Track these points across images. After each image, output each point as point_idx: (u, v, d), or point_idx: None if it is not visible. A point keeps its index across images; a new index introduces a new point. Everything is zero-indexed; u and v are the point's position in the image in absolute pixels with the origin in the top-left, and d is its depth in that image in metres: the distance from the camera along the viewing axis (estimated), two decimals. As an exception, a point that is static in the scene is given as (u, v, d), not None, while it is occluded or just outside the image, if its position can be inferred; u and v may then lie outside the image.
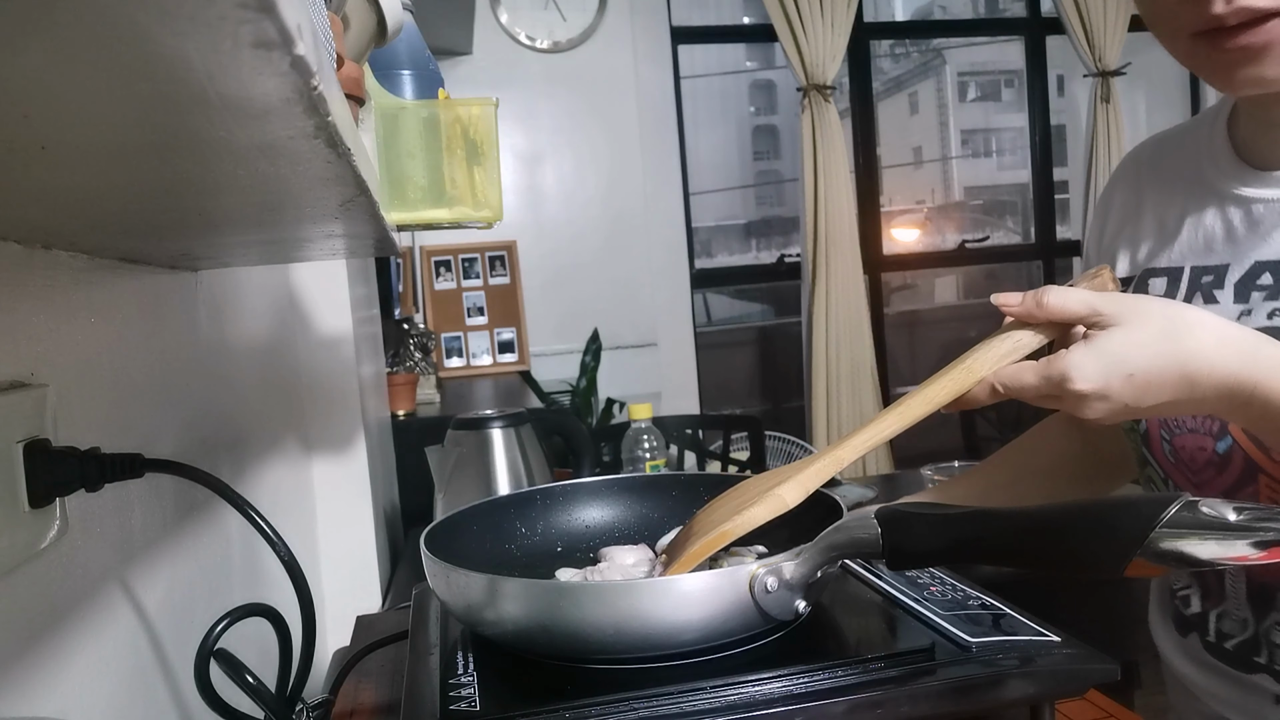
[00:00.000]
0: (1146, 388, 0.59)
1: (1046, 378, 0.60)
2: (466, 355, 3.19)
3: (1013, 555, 0.54)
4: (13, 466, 0.48)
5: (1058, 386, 0.60)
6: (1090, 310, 0.60)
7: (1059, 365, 0.60)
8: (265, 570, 1.05)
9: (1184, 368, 0.59)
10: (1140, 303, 0.61)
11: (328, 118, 0.31)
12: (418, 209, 0.88)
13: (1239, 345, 0.59)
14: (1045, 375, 0.60)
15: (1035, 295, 0.62)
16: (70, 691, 0.55)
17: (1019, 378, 0.62)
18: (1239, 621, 0.75)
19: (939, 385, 0.64)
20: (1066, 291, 0.62)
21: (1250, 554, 0.47)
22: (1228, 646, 0.76)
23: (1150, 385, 0.59)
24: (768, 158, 5.73)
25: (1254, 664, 0.74)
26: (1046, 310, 0.62)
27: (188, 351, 0.85)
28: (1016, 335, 0.64)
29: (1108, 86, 3.63)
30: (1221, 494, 0.75)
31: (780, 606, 0.57)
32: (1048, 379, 0.60)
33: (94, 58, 0.23)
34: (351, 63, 0.68)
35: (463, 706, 0.53)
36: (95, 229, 0.55)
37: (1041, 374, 0.61)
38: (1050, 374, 0.60)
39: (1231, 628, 0.76)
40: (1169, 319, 0.60)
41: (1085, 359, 0.59)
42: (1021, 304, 0.63)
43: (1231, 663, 0.76)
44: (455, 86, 1.02)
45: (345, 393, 1.47)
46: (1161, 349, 0.59)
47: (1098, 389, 0.59)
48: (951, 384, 0.64)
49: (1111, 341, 0.59)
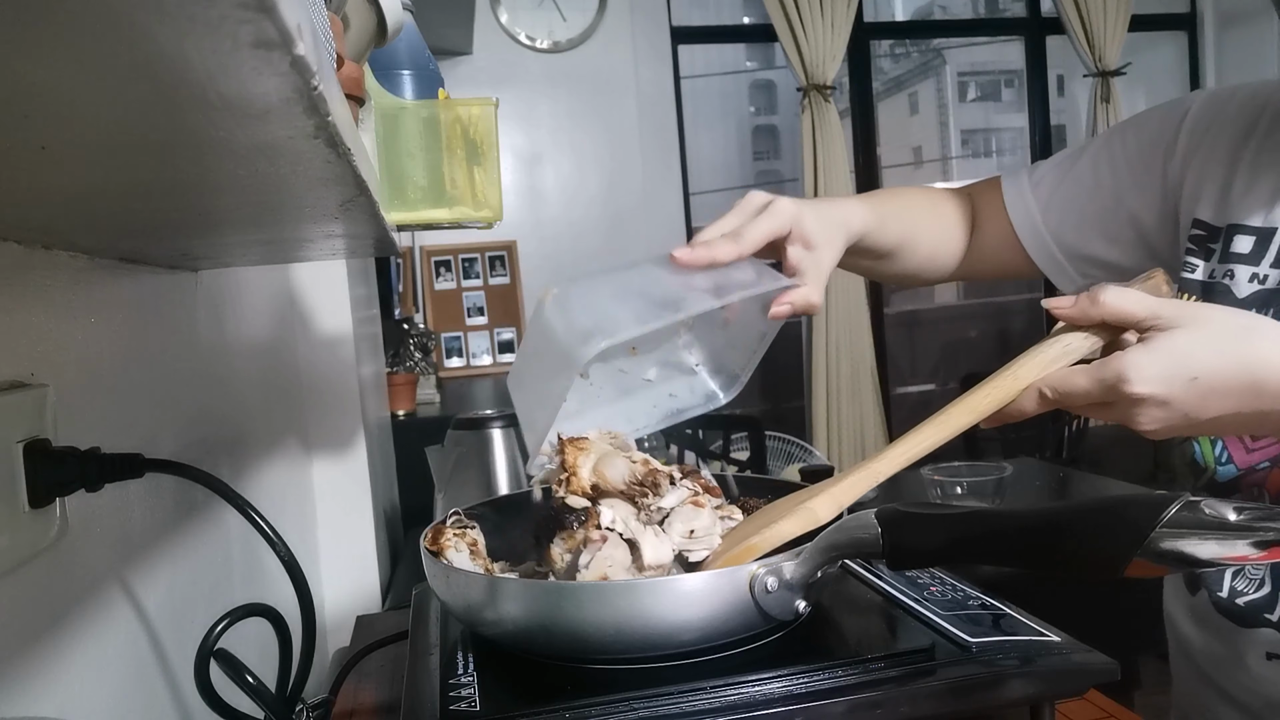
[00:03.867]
0: (1210, 394, 0.55)
1: (1100, 380, 0.56)
2: (466, 355, 3.19)
3: (1013, 555, 0.54)
4: (13, 466, 0.48)
5: (1112, 390, 0.55)
6: (1150, 313, 0.56)
7: (1115, 366, 0.55)
8: (265, 570, 1.05)
9: (1253, 374, 0.55)
10: (1204, 308, 0.57)
11: (328, 118, 0.31)
12: (418, 209, 0.88)
13: None
14: (1099, 378, 0.56)
15: (1089, 295, 0.58)
16: (70, 691, 0.55)
17: (1069, 381, 0.57)
18: (1255, 580, 0.75)
19: (983, 394, 0.60)
20: (1124, 291, 0.58)
21: (1250, 554, 0.47)
22: (1239, 603, 0.76)
23: (1214, 392, 0.55)
24: (768, 158, 5.73)
25: (1261, 619, 0.74)
26: (1102, 309, 0.57)
27: (188, 351, 0.85)
28: (1066, 339, 0.60)
29: (1108, 86, 3.63)
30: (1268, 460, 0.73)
31: (780, 606, 0.57)
32: (1101, 381, 0.56)
33: (94, 58, 0.23)
34: (351, 63, 0.68)
35: (463, 706, 0.53)
36: (95, 229, 0.55)
37: (1095, 376, 0.56)
38: (1105, 376, 0.56)
39: (1246, 585, 0.76)
40: (1236, 323, 0.56)
41: (1145, 359, 0.55)
42: (1074, 305, 0.59)
43: (1236, 619, 0.76)
44: (455, 86, 1.02)
45: (345, 393, 1.47)
46: (1228, 352, 0.55)
47: (1157, 393, 0.55)
48: (997, 392, 0.60)
49: (1175, 342, 0.55)
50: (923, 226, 0.87)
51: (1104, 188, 0.84)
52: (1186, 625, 0.83)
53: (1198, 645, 0.81)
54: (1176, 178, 0.81)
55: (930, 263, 0.89)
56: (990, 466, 1.70)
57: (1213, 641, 0.79)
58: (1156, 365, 0.55)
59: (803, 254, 0.69)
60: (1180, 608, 0.84)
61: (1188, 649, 0.83)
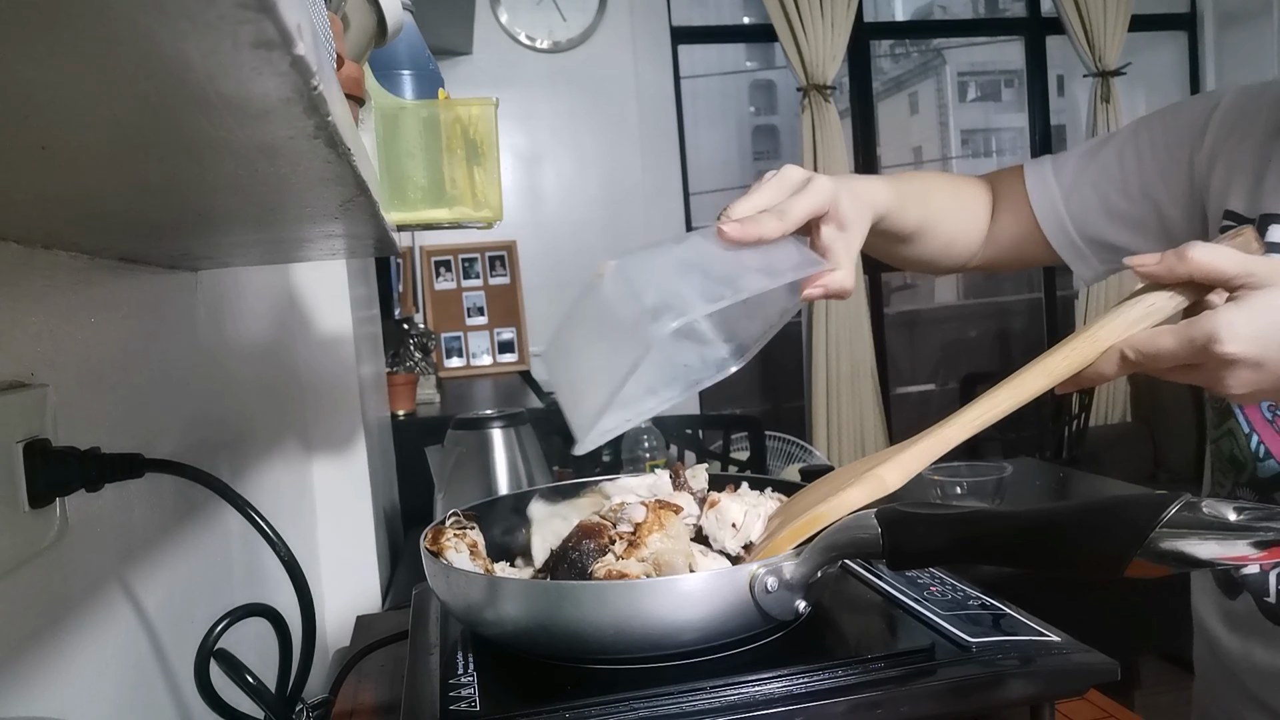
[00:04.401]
0: None
1: (1190, 340, 0.53)
2: (466, 355, 3.19)
3: (1013, 555, 0.54)
4: (13, 466, 0.48)
5: (1202, 351, 0.52)
6: (1242, 269, 0.53)
7: (1205, 325, 0.52)
8: (265, 570, 1.05)
9: None
10: None
11: (328, 118, 0.31)
12: (418, 209, 0.88)
13: None
14: (1188, 337, 0.53)
15: (1177, 251, 0.55)
16: (70, 691, 0.55)
17: (1154, 342, 0.54)
18: None
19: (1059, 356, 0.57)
20: (1215, 247, 0.54)
21: (1250, 554, 0.47)
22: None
23: None
24: (768, 158, 5.73)
25: None
26: (1190, 265, 0.54)
27: (188, 351, 0.85)
28: (1150, 299, 0.56)
29: (1108, 86, 3.63)
30: None
31: (780, 606, 0.57)
32: (1191, 341, 0.53)
33: (94, 58, 0.23)
34: (351, 63, 0.68)
35: (463, 706, 0.53)
36: (95, 229, 0.55)
37: (1184, 336, 0.53)
38: (1194, 335, 0.53)
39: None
40: None
41: (1239, 318, 0.52)
42: (1160, 262, 0.56)
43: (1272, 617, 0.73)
44: (455, 86, 1.02)
45: (345, 393, 1.47)
46: None
47: (1250, 354, 0.52)
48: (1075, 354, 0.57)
49: (1271, 300, 0.52)
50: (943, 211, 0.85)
51: (1129, 177, 0.83)
52: (1219, 629, 0.81)
53: (1233, 650, 0.79)
54: (1204, 170, 0.79)
55: (948, 249, 0.88)
56: (990, 466, 1.70)
57: (1255, 648, 0.76)
58: (1251, 325, 0.52)
59: (836, 234, 0.67)
60: (1213, 610, 0.82)
61: (1219, 652, 0.81)
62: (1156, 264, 0.56)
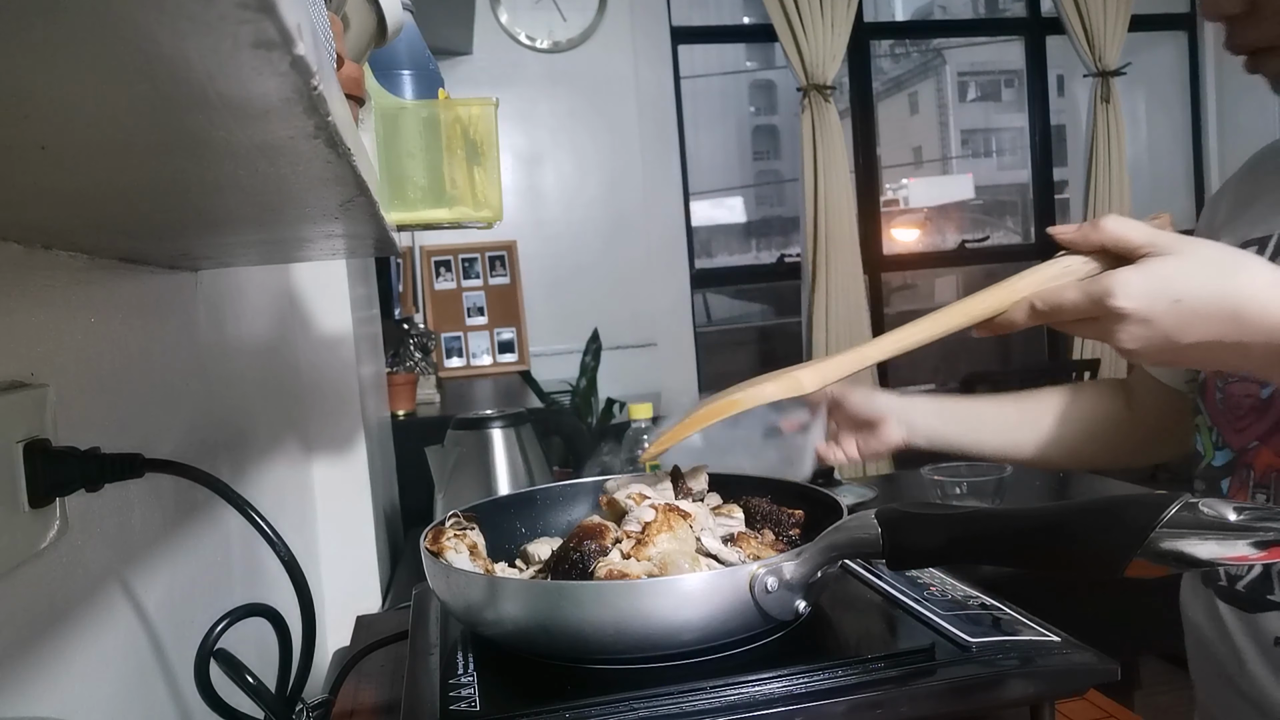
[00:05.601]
0: (1192, 318, 0.57)
1: (1088, 293, 0.59)
2: (466, 355, 3.19)
3: (1013, 555, 0.54)
4: (13, 466, 0.48)
5: (1099, 304, 0.58)
6: (1146, 239, 0.59)
7: (1104, 281, 0.58)
8: (265, 570, 1.05)
9: (1235, 304, 0.57)
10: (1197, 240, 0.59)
11: (328, 118, 0.31)
12: (418, 209, 0.88)
13: None
14: (1087, 291, 0.59)
15: (1092, 222, 0.61)
16: (70, 691, 0.55)
17: (1059, 294, 0.60)
18: None
19: (979, 300, 0.62)
20: (1126, 220, 0.60)
21: (1250, 554, 0.47)
22: (1239, 588, 0.76)
23: (1196, 316, 0.57)
24: (768, 158, 5.72)
25: (1266, 602, 0.74)
26: (1102, 233, 0.60)
27: (188, 351, 0.85)
28: (1066, 261, 0.62)
29: (1108, 86, 3.63)
30: (1256, 438, 0.74)
31: (780, 606, 0.57)
32: (1089, 294, 0.58)
33: (94, 58, 0.23)
34: (351, 63, 0.68)
35: (463, 706, 0.53)
36: (95, 229, 0.55)
37: (1085, 290, 0.59)
38: (1093, 290, 0.58)
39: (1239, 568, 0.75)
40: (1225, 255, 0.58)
41: (1133, 277, 0.57)
42: (1077, 230, 0.62)
43: (1244, 604, 0.76)
44: (455, 86, 1.02)
45: (345, 393, 1.47)
46: (1213, 280, 0.57)
47: (1140, 309, 0.57)
48: (992, 299, 0.62)
49: (1164, 266, 0.57)
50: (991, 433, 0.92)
51: None
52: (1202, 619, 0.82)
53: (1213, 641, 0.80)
54: None
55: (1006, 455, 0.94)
56: (990, 466, 1.70)
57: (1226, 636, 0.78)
58: (1143, 284, 0.57)
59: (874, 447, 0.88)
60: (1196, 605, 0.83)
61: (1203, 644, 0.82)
62: (1075, 232, 0.62)
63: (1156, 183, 3.85)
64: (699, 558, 0.62)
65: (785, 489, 0.76)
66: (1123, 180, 3.63)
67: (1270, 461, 0.73)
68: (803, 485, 0.76)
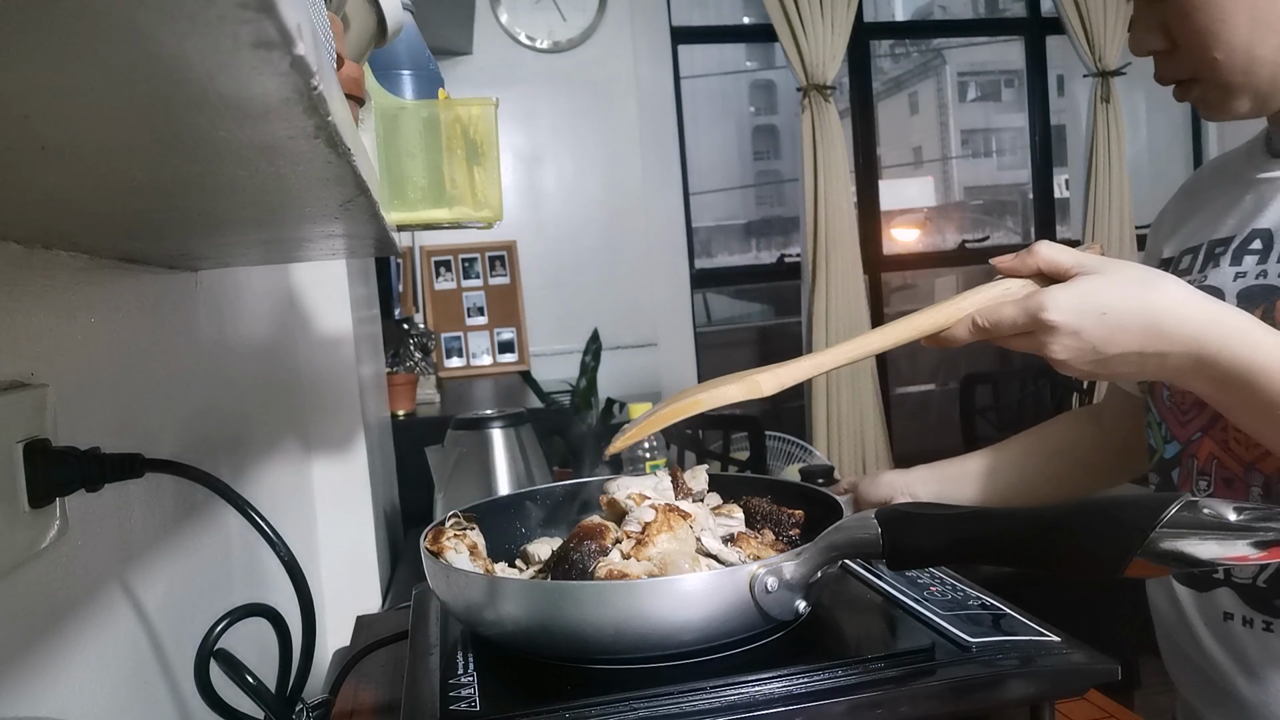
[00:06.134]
0: (1116, 330, 0.63)
1: (1024, 309, 0.65)
2: (466, 355, 3.19)
3: (1013, 555, 0.54)
4: (13, 466, 0.48)
5: (1034, 319, 0.64)
6: (1075, 262, 0.65)
7: (1038, 298, 0.64)
8: (265, 570, 1.05)
9: (1154, 316, 0.63)
10: (1121, 262, 0.66)
11: (328, 118, 0.31)
12: (418, 209, 0.88)
13: (1207, 309, 0.63)
14: (1024, 307, 0.65)
15: (1028, 249, 0.68)
16: (70, 691, 0.55)
17: (998, 311, 0.66)
18: None
19: (926, 315, 0.68)
20: (1058, 245, 0.67)
21: (1250, 554, 0.47)
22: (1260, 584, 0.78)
23: (1120, 328, 0.63)
24: (768, 158, 5.72)
25: (1214, 580, 0.78)
26: (1036, 258, 0.67)
27: (188, 351, 0.85)
28: (1006, 283, 0.69)
29: (1108, 86, 3.63)
30: (1199, 430, 0.78)
31: (780, 606, 0.57)
32: (1025, 310, 0.64)
33: (94, 58, 0.23)
34: (351, 63, 0.68)
35: (463, 706, 0.53)
36: (95, 229, 0.55)
37: (1020, 306, 0.65)
38: (1028, 305, 0.64)
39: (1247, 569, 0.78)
40: (1145, 274, 0.65)
41: (1062, 293, 0.64)
42: (1015, 257, 0.68)
43: (1194, 583, 0.80)
44: (455, 86, 1.02)
45: (345, 393, 1.47)
46: (1134, 294, 0.63)
47: (1070, 322, 0.63)
48: (938, 315, 0.68)
49: (1091, 283, 0.64)
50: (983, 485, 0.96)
51: None
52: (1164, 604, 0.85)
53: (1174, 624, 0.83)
54: None
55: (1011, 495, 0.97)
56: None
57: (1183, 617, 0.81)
58: (1072, 300, 0.63)
59: None
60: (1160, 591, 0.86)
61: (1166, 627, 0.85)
62: (1013, 259, 0.68)
63: (1156, 183, 3.84)
64: (699, 558, 0.62)
65: (785, 489, 0.76)
66: (1123, 180, 3.63)
67: (1211, 450, 0.77)
68: (802, 485, 0.76)
